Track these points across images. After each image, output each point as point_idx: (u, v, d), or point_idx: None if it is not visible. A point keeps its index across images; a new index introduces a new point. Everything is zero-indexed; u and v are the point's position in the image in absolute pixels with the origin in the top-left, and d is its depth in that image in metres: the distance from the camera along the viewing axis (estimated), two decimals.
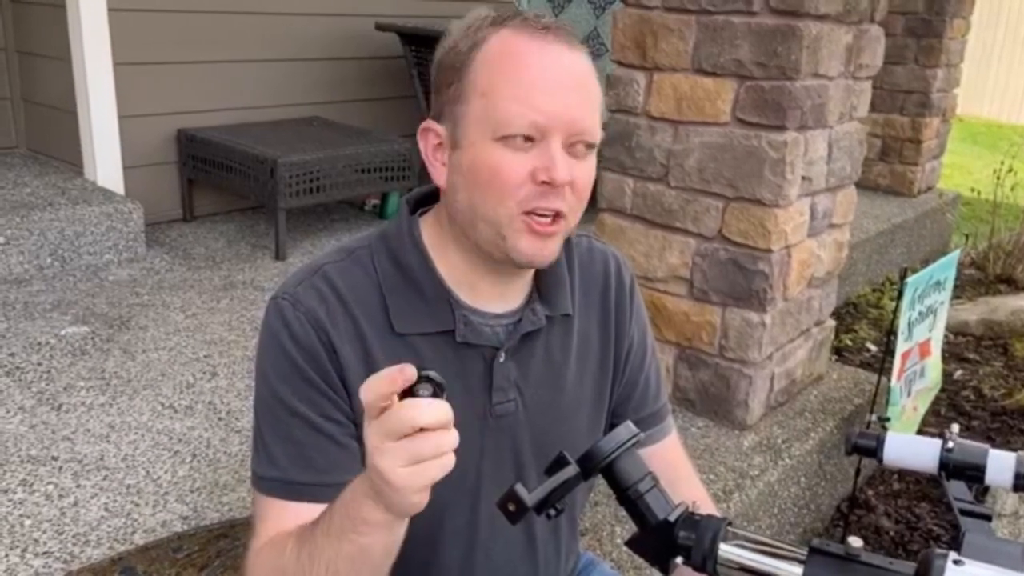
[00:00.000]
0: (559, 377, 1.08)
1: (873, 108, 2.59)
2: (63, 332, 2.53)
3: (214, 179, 3.49)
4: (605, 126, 1.03)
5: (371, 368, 0.97)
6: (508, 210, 0.92)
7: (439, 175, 0.98)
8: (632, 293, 1.16)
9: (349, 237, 3.59)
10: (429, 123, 0.99)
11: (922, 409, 2.67)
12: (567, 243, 1.11)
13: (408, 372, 0.71)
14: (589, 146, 0.94)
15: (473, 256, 0.99)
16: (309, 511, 0.92)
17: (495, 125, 0.91)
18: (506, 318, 1.03)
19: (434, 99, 0.99)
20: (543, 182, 0.91)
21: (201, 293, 2.92)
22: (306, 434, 0.95)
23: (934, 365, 2.69)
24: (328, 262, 1.01)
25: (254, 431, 1.00)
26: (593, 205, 2.43)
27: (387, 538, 0.82)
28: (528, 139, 0.91)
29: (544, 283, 1.06)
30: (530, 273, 1.05)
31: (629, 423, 0.83)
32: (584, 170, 0.94)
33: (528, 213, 0.92)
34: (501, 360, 1.02)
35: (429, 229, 1.03)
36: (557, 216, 0.93)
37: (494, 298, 1.02)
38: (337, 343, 0.96)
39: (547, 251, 0.95)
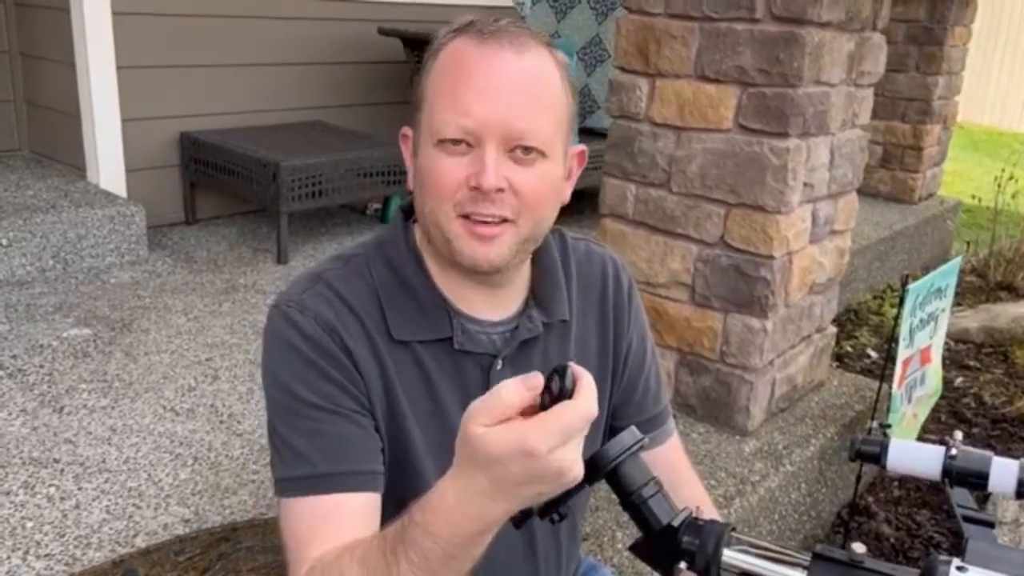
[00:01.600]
0: None
1: (874, 115, 2.60)
2: (65, 334, 2.54)
3: (216, 182, 3.50)
4: (581, 131, 1.03)
5: (383, 370, 0.97)
6: (447, 214, 0.93)
7: (410, 180, 1.01)
8: (631, 296, 1.16)
9: (351, 241, 3.60)
10: (406, 129, 1.01)
11: (922, 416, 2.67)
12: (564, 247, 1.11)
13: (534, 381, 0.71)
14: (538, 151, 0.92)
15: (446, 264, 1.00)
16: (348, 503, 0.91)
17: (432, 131, 0.93)
18: (502, 326, 1.03)
19: None
20: (474, 188, 0.91)
21: (203, 296, 2.92)
22: (333, 425, 0.94)
23: (934, 372, 2.69)
24: (328, 269, 1.01)
25: (272, 443, 0.97)
26: (595, 210, 2.45)
27: (492, 536, 0.80)
28: (466, 144, 0.91)
29: (540, 289, 1.06)
30: (524, 280, 1.05)
31: (633, 428, 0.84)
32: (528, 176, 0.92)
33: (466, 217, 0.92)
34: (498, 368, 1.02)
35: (420, 237, 1.03)
36: (502, 220, 0.93)
37: (487, 306, 1.03)
38: (351, 344, 0.96)
39: (492, 254, 0.94)
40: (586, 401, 0.70)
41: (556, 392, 0.71)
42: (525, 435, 0.69)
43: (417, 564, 0.78)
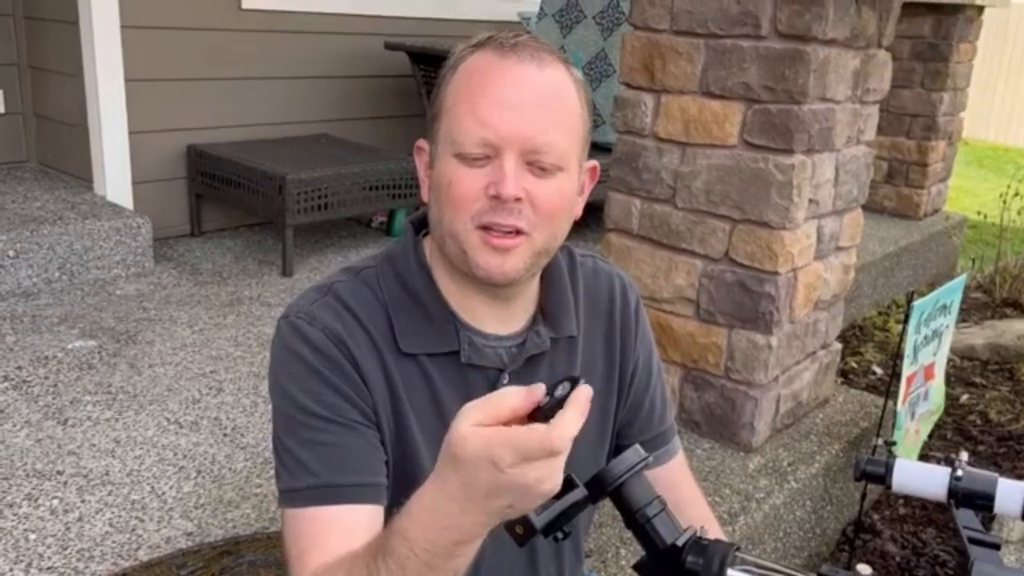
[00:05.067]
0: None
1: (880, 131, 2.60)
2: (70, 346, 2.54)
3: (222, 195, 3.51)
4: (597, 146, 1.03)
5: (390, 382, 0.97)
6: (464, 224, 0.93)
7: (424, 192, 1.01)
8: (638, 314, 1.16)
9: (356, 254, 3.61)
10: (421, 141, 1.02)
11: (924, 432, 2.66)
12: (571, 263, 1.11)
13: (538, 393, 0.71)
14: (555, 165, 0.93)
15: (457, 276, 1.00)
16: (351, 515, 0.91)
17: (452, 142, 0.93)
18: (509, 340, 1.04)
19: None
20: (493, 196, 0.91)
21: (208, 308, 2.93)
22: (337, 436, 0.94)
23: (937, 388, 2.68)
24: (337, 281, 1.02)
25: (276, 453, 0.97)
26: (600, 225, 2.45)
27: (478, 545, 0.78)
28: (484, 156, 0.92)
29: (549, 305, 1.06)
30: (532, 295, 1.05)
31: (638, 446, 0.84)
32: (546, 188, 0.93)
33: (484, 228, 0.93)
34: (505, 382, 1.02)
35: (430, 250, 1.04)
36: (517, 232, 0.93)
37: (495, 320, 1.03)
38: (358, 356, 0.96)
39: (507, 266, 0.94)
40: (555, 431, 0.69)
41: (546, 407, 0.70)
42: (492, 442, 0.69)
43: (395, 573, 0.78)
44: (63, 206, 3.20)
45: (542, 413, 0.71)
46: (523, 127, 0.91)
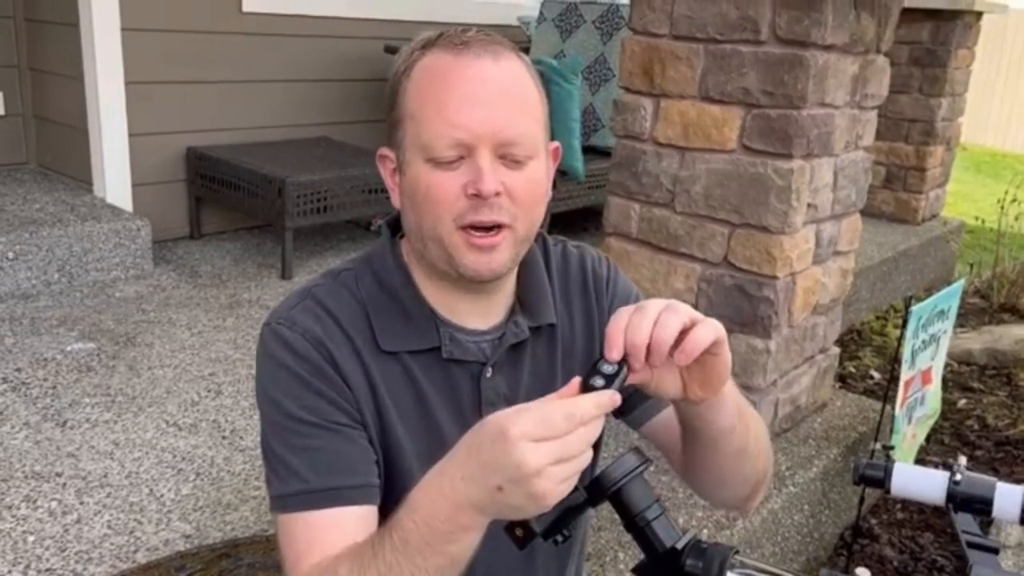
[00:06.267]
0: (549, 388, 1.07)
1: (878, 136, 2.61)
2: (69, 348, 2.54)
3: (222, 197, 3.51)
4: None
5: (371, 382, 0.98)
6: (446, 227, 0.94)
7: (395, 199, 1.01)
8: (609, 281, 1.15)
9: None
10: (384, 149, 1.02)
11: (921, 436, 2.66)
12: (545, 251, 1.12)
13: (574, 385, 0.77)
14: (527, 155, 0.94)
15: (436, 275, 1.01)
16: (343, 516, 0.91)
17: (423, 147, 0.93)
18: (490, 334, 1.04)
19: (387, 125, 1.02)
20: (473, 195, 0.92)
21: (207, 311, 2.93)
22: (324, 440, 0.95)
23: (934, 393, 2.68)
24: (316, 285, 1.02)
25: (267, 459, 0.98)
26: (599, 228, 2.45)
27: (478, 537, 0.80)
28: (459, 157, 0.92)
29: (526, 294, 1.07)
30: (510, 287, 1.06)
31: (638, 449, 0.84)
32: (521, 178, 0.94)
33: (466, 228, 0.93)
34: (488, 375, 1.03)
35: (407, 250, 1.05)
36: (500, 227, 0.94)
37: (475, 315, 1.03)
38: (339, 358, 0.96)
39: (494, 263, 0.95)
40: (578, 401, 0.74)
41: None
42: (508, 412, 0.74)
43: (398, 547, 0.80)
44: (63, 208, 3.20)
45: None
46: (493, 122, 0.91)
